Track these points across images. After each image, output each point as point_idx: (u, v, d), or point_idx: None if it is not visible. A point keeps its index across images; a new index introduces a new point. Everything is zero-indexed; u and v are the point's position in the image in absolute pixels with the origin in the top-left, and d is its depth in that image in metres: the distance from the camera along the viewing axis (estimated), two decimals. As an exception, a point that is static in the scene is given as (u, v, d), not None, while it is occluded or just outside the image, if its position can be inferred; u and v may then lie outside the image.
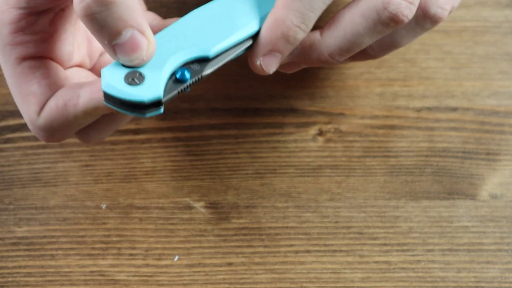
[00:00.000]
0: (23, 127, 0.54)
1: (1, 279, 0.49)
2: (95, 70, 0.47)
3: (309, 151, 0.53)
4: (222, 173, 0.52)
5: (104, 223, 0.51)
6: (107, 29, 0.39)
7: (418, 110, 0.55)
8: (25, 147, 0.53)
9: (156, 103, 0.41)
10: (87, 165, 0.53)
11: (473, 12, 0.58)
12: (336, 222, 0.51)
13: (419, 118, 0.54)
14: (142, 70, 0.41)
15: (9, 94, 0.55)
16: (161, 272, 0.49)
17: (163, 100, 0.41)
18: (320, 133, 0.54)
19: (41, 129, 0.43)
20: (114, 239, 0.50)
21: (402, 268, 0.49)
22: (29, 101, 0.43)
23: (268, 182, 0.52)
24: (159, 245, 0.50)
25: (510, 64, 0.56)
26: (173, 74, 0.42)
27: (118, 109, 0.41)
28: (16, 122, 0.54)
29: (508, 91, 0.55)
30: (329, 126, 0.54)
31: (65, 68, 0.45)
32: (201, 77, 0.43)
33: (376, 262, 0.49)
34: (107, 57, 0.48)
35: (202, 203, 0.51)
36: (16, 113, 0.54)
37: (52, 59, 0.44)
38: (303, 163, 0.53)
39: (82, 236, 0.50)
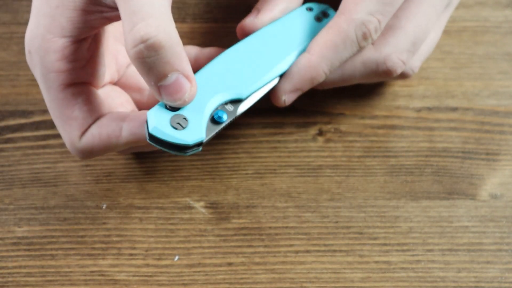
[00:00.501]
0: (23, 127, 0.54)
1: (1, 279, 0.49)
2: (122, 81, 0.51)
3: (309, 151, 0.53)
4: (222, 173, 0.52)
5: (104, 223, 0.51)
6: (155, 72, 0.42)
7: (418, 110, 0.55)
8: (25, 147, 0.53)
9: (198, 144, 0.45)
10: (87, 165, 0.53)
11: (473, 12, 0.59)
12: (336, 222, 0.51)
13: (419, 118, 0.54)
14: (184, 113, 0.45)
15: (9, 94, 0.55)
16: (161, 272, 0.49)
17: (204, 141, 0.45)
18: (320, 133, 0.54)
19: (80, 151, 0.47)
20: (114, 239, 0.50)
21: (402, 268, 0.49)
22: (71, 125, 0.46)
23: (268, 182, 0.52)
24: (159, 245, 0.50)
25: (510, 64, 0.56)
26: (211, 115, 0.46)
27: (161, 148, 0.45)
28: (16, 122, 0.54)
29: (508, 91, 0.55)
30: (329, 126, 0.54)
31: (99, 87, 0.48)
32: (235, 117, 0.47)
33: (376, 262, 0.49)
34: (133, 68, 0.51)
35: (202, 203, 0.51)
36: (16, 113, 0.54)
37: (90, 83, 0.47)
38: (303, 163, 0.53)
39: (82, 236, 0.50)
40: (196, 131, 0.44)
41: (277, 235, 0.50)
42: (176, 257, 0.50)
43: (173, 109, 0.44)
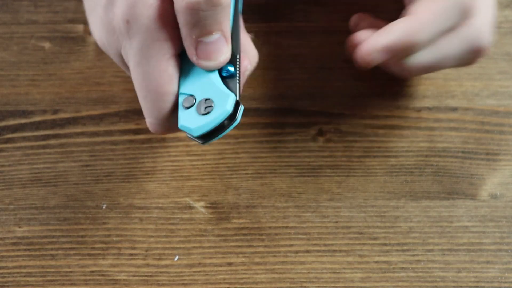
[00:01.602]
0: (23, 127, 0.54)
1: (1, 279, 0.49)
2: None
3: (309, 151, 0.53)
4: (222, 173, 0.52)
5: (104, 223, 0.51)
6: (202, 26, 0.42)
7: (418, 110, 0.55)
8: (25, 147, 0.53)
9: (237, 105, 0.43)
10: (87, 165, 0.53)
11: (473, 12, 0.58)
12: (336, 222, 0.51)
13: (419, 118, 0.54)
14: (202, 97, 0.43)
15: (10, 94, 0.55)
16: (161, 272, 0.49)
17: (238, 99, 0.43)
18: (320, 133, 0.54)
19: (168, 127, 0.45)
20: (114, 239, 0.50)
21: (402, 268, 0.49)
22: (165, 101, 0.44)
23: (268, 182, 0.52)
24: (159, 245, 0.50)
25: (510, 64, 0.56)
26: (223, 77, 0.44)
27: (215, 138, 0.44)
28: (16, 122, 0.54)
29: (508, 91, 0.55)
30: (329, 126, 0.54)
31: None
32: (239, 61, 0.45)
33: (376, 262, 0.49)
34: None
35: (202, 203, 0.51)
36: (16, 113, 0.54)
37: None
38: (303, 163, 0.53)
39: (82, 236, 0.50)
40: (224, 99, 0.43)
41: (277, 235, 0.50)
42: (176, 257, 0.50)
43: (191, 105, 0.44)
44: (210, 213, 0.51)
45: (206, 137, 0.44)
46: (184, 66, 0.45)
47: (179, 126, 0.44)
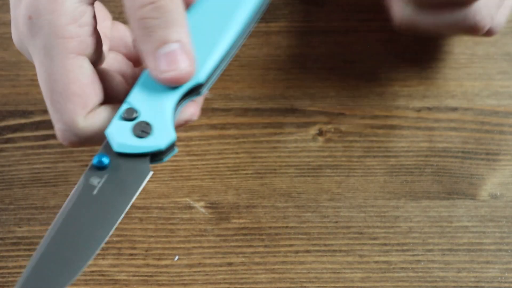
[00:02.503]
0: (23, 127, 0.54)
1: (1, 279, 0.49)
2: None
3: (309, 151, 0.53)
4: (222, 173, 0.52)
5: (104, 223, 0.51)
6: (157, 35, 0.39)
7: (418, 110, 0.55)
8: (25, 147, 0.53)
9: (171, 146, 0.41)
10: (87, 165, 0.53)
11: (473, 12, 0.58)
12: (336, 222, 0.51)
13: (419, 118, 0.54)
14: (145, 118, 0.41)
15: (9, 94, 0.55)
16: (161, 272, 0.49)
17: (175, 139, 0.41)
18: (320, 133, 0.54)
19: (82, 133, 0.41)
20: (114, 239, 0.50)
21: (402, 268, 0.49)
22: (74, 102, 0.41)
23: (268, 182, 0.52)
24: (159, 245, 0.50)
25: (510, 64, 0.56)
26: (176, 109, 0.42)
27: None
28: (16, 122, 0.54)
29: (508, 91, 0.55)
30: (329, 126, 0.54)
31: (99, 65, 0.44)
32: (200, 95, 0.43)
33: (376, 262, 0.49)
34: (112, 56, 0.47)
35: (202, 203, 0.51)
36: (16, 113, 0.54)
37: (92, 58, 0.42)
38: (303, 163, 0.53)
39: (82, 236, 0.50)
40: (164, 133, 0.41)
41: (277, 235, 0.50)
42: (176, 257, 0.50)
43: (130, 119, 0.41)
44: (210, 213, 0.51)
45: (123, 156, 0.41)
46: (148, 78, 0.42)
47: (105, 132, 0.41)
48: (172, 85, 0.41)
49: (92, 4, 0.42)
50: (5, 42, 0.58)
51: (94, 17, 0.42)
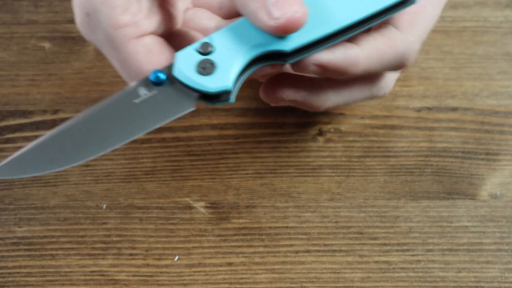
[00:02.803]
0: (23, 127, 0.54)
1: (1, 279, 0.49)
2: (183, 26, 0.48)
3: (309, 151, 0.53)
4: (222, 173, 0.52)
5: (104, 223, 0.51)
6: None
7: (418, 110, 0.55)
8: (25, 147, 0.53)
9: (225, 93, 0.42)
10: (87, 165, 0.53)
11: (473, 12, 0.59)
12: (336, 222, 0.51)
13: (419, 118, 0.54)
14: (214, 58, 0.42)
15: (9, 94, 0.55)
16: (161, 272, 0.49)
17: (233, 90, 0.42)
18: (320, 133, 0.54)
19: None
20: (114, 239, 0.50)
21: (402, 268, 0.49)
22: None
23: (268, 182, 0.52)
24: (159, 245, 0.50)
25: (510, 64, 0.56)
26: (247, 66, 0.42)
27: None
28: (16, 122, 0.54)
29: (508, 91, 0.55)
30: (329, 126, 0.54)
31: (163, 36, 0.46)
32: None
33: (376, 262, 0.49)
34: (190, 12, 0.48)
35: (202, 203, 0.51)
36: (16, 113, 0.54)
37: (154, 33, 0.45)
38: (303, 163, 0.53)
39: (82, 236, 0.50)
40: (221, 79, 0.41)
41: (277, 235, 0.50)
42: (176, 257, 0.50)
43: (203, 53, 0.42)
44: (210, 213, 0.51)
45: (178, 82, 0.42)
46: (239, 26, 0.42)
47: (175, 53, 0.42)
48: (287, 32, 0.41)
49: None
50: (5, 42, 0.58)
51: (148, 3, 0.44)
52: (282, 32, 0.41)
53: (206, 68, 0.41)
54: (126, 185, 0.52)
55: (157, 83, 0.42)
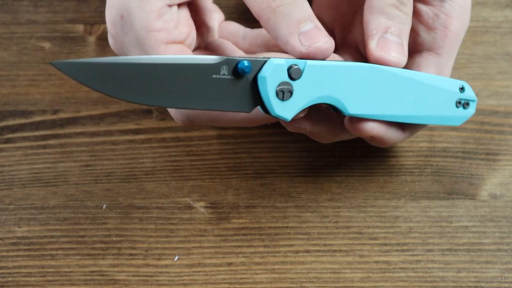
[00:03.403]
0: (23, 127, 0.54)
1: (1, 279, 0.49)
2: (208, 48, 0.51)
3: (309, 151, 0.53)
4: (222, 173, 0.52)
5: (104, 223, 0.51)
6: (294, 18, 0.44)
7: (418, 110, 0.55)
8: (25, 147, 0.53)
9: (279, 118, 0.44)
10: (87, 165, 0.53)
11: (473, 12, 0.58)
12: (336, 222, 0.51)
13: (419, 118, 0.54)
14: (296, 87, 0.43)
15: (9, 94, 0.55)
16: (161, 272, 0.49)
17: (289, 120, 0.44)
18: (320, 133, 0.54)
19: (184, 113, 0.47)
20: (114, 239, 0.50)
21: (402, 268, 0.49)
22: None
23: (268, 182, 0.52)
24: (159, 245, 0.50)
25: (509, 64, 0.56)
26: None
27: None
28: (16, 122, 0.54)
29: (508, 91, 0.55)
30: (329, 126, 0.54)
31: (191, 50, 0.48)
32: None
33: (376, 262, 0.49)
34: (217, 40, 0.51)
35: (202, 203, 0.51)
36: (16, 113, 0.54)
37: (183, 43, 0.47)
38: (303, 163, 0.53)
39: (82, 236, 0.50)
40: (288, 109, 0.44)
41: (277, 235, 0.50)
42: (176, 257, 0.50)
43: (290, 76, 0.43)
44: (210, 213, 0.51)
45: (255, 84, 0.43)
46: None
47: (270, 58, 0.43)
48: (314, 59, 0.44)
49: (172, 5, 0.46)
50: (5, 42, 0.58)
51: (179, 15, 0.47)
52: (309, 58, 0.44)
53: (284, 92, 0.43)
54: (126, 185, 0.52)
55: (239, 73, 0.43)
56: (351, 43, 0.51)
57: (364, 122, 0.46)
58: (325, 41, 0.44)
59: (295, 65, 0.43)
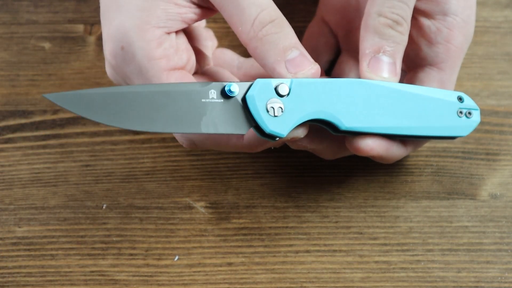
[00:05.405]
0: (23, 127, 0.54)
1: (1, 279, 0.49)
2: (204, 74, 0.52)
3: (309, 151, 0.53)
4: (222, 173, 0.52)
5: (104, 223, 0.51)
6: (280, 46, 0.45)
7: (418, 110, 0.55)
8: (25, 147, 0.53)
9: (273, 136, 0.45)
10: (87, 165, 0.53)
11: (473, 12, 0.58)
12: (336, 222, 0.51)
13: (419, 118, 0.54)
14: (286, 103, 0.44)
15: (9, 94, 0.55)
16: (161, 272, 0.49)
17: (283, 138, 0.45)
18: (320, 133, 0.54)
19: (188, 138, 0.48)
20: (114, 239, 0.50)
21: (402, 268, 0.49)
22: None
23: (268, 182, 0.52)
24: (159, 245, 0.50)
25: (509, 64, 0.56)
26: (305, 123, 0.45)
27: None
28: (16, 122, 0.54)
29: (508, 91, 0.55)
30: (329, 126, 0.54)
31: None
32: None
33: (376, 262, 0.49)
34: (212, 68, 0.52)
35: (202, 203, 0.51)
36: (16, 113, 0.54)
37: (183, 69, 0.48)
38: (303, 163, 0.53)
39: (82, 236, 0.50)
40: (281, 126, 0.44)
41: (277, 235, 0.50)
42: (176, 257, 0.50)
43: (277, 92, 0.44)
44: (210, 213, 0.51)
45: (245, 103, 0.44)
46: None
47: (257, 79, 0.44)
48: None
49: (171, 33, 0.47)
50: (5, 42, 0.58)
51: (178, 42, 0.47)
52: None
53: (274, 109, 0.44)
54: (126, 185, 0.52)
55: (228, 95, 0.44)
56: (355, 47, 0.51)
57: (364, 140, 0.47)
58: (310, 67, 0.45)
59: (282, 83, 0.44)
